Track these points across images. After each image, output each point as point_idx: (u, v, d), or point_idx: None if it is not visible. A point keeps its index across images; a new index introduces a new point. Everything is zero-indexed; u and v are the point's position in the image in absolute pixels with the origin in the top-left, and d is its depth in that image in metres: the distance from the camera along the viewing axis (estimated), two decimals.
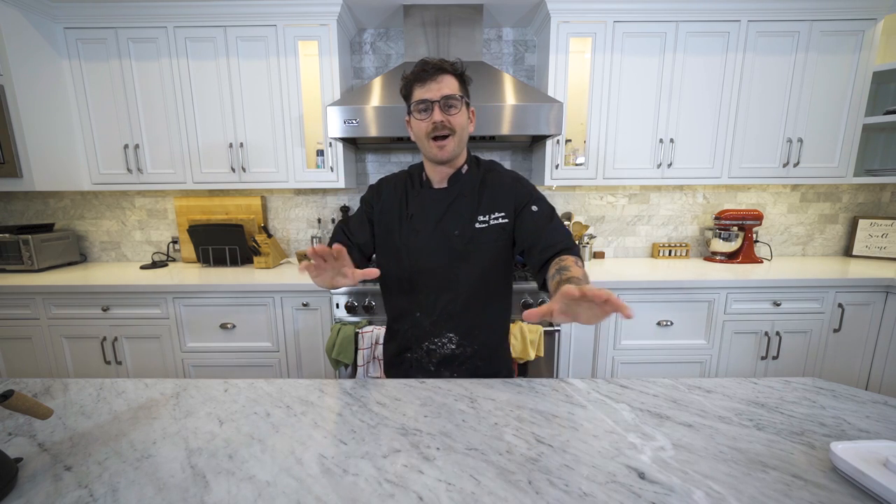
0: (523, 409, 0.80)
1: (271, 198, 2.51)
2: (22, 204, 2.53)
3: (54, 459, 0.66)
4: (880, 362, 1.97)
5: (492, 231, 1.02)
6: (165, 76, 2.09)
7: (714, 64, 2.06)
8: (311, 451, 0.67)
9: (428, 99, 0.93)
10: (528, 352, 1.72)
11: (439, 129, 0.94)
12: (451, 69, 0.95)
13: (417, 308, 1.06)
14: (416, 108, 0.95)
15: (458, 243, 1.01)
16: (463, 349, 1.06)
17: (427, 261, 1.03)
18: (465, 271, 1.02)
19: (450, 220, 1.03)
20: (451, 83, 0.95)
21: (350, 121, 1.86)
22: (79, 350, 1.99)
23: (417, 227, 1.04)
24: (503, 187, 1.04)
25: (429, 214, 1.04)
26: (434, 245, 1.03)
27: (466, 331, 1.05)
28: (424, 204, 1.05)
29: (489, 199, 1.03)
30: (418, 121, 0.96)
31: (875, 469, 0.56)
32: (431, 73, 0.93)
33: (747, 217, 2.27)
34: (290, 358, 1.99)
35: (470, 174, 1.05)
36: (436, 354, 1.07)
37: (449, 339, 1.06)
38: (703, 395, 0.85)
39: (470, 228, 1.02)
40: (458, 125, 0.96)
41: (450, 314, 1.04)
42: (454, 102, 0.94)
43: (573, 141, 2.16)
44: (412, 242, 1.04)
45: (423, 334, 1.07)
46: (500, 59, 2.37)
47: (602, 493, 0.57)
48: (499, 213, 1.02)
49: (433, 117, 0.93)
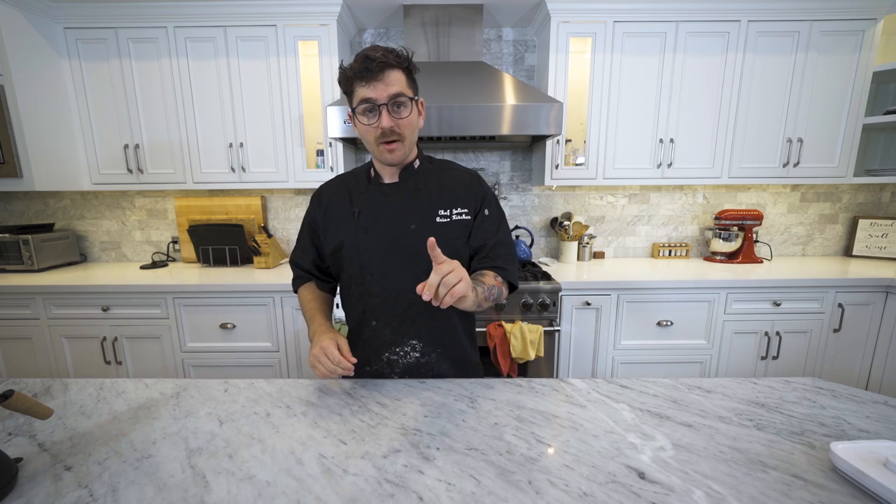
0: (523, 409, 0.80)
1: (271, 198, 2.51)
2: (22, 204, 2.53)
3: (54, 459, 0.66)
4: (880, 362, 1.97)
5: (455, 227, 0.95)
6: (165, 76, 2.09)
7: (714, 64, 2.06)
8: (311, 451, 0.67)
9: (373, 99, 0.83)
10: (528, 352, 1.72)
11: (388, 135, 0.86)
12: (396, 62, 0.84)
13: (373, 316, 0.97)
14: (361, 108, 0.85)
15: (416, 239, 0.92)
16: (428, 357, 0.98)
17: (381, 261, 0.94)
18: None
19: (405, 215, 0.94)
20: (399, 79, 0.84)
21: (350, 121, 1.86)
22: (79, 350, 1.99)
23: (366, 224, 0.95)
24: (465, 183, 0.99)
25: (380, 209, 0.96)
26: (388, 242, 0.94)
27: (431, 336, 0.98)
28: (374, 199, 0.96)
29: (450, 192, 0.97)
30: (364, 125, 0.86)
31: (875, 469, 0.56)
32: (376, 70, 0.82)
33: (747, 217, 2.27)
34: (290, 358, 1.99)
35: (423, 168, 0.99)
36: (398, 365, 0.99)
37: (412, 347, 0.98)
38: (703, 395, 0.85)
39: (430, 223, 0.94)
40: (408, 127, 0.88)
41: (412, 320, 0.96)
42: (403, 102, 0.85)
43: (573, 141, 2.16)
44: (362, 242, 0.95)
45: (381, 345, 0.98)
46: (500, 59, 2.37)
47: (602, 493, 0.57)
48: (461, 208, 0.96)
49: (381, 122, 0.84)
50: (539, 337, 1.76)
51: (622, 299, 1.94)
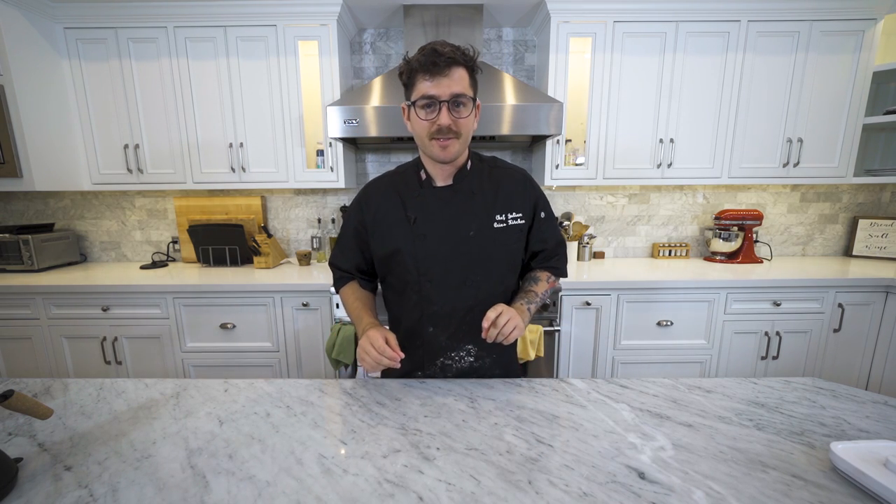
0: (523, 409, 0.80)
1: (271, 198, 2.51)
2: (22, 204, 2.53)
3: (54, 459, 0.66)
4: (880, 362, 1.97)
5: (511, 232, 0.95)
6: (165, 76, 2.09)
7: (714, 64, 2.06)
8: (311, 451, 0.67)
9: (435, 96, 0.81)
10: (528, 352, 1.72)
11: (444, 132, 0.84)
12: (463, 60, 0.83)
13: (430, 322, 0.96)
14: (421, 103, 0.83)
15: (475, 246, 0.92)
16: (482, 361, 0.99)
17: (439, 268, 0.93)
18: (484, 275, 0.94)
19: (463, 221, 0.93)
20: (463, 78, 0.83)
21: (350, 121, 1.86)
22: (79, 350, 1.99)
23: (424, 231, 0.93)
24: (517, 186, 0.98)
25: (436, 215, 0.93)
26: (446, 249, 0.93)
27: (487, 342, 0.97)
28: (429, 204, 0.94)
29: (505, 196, 0.95)
30: (421, 119, 0.85)
31: (875, 469, 0.56)
32: (442, 65, 0.80)
33: (747, 217, 2.27)
34: (290, 358, 1.99)
35: (475, 170, 0.96)
36: (451, 370, 0.98)
37: (467, 352, 0.97)
38: (703, 395, 0.85)
39: (488, 229, 0.93)
40: (465, 127, 0.86)
41: (469, 324, 0.95)
42: (464, 102, 0.83)
43: (573, 141, 2.16)
44: (419, 249, 0.93)
45: (437, 350, 0.98)
46: (500, 59, 2.37)
47: (602, 493, 0.57)
48: (516, 213, 0.95)
49: (440, 120, 0.82)
50: (539, 337, 1.75)
51: (622, 299, 1.94)
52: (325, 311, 1.93)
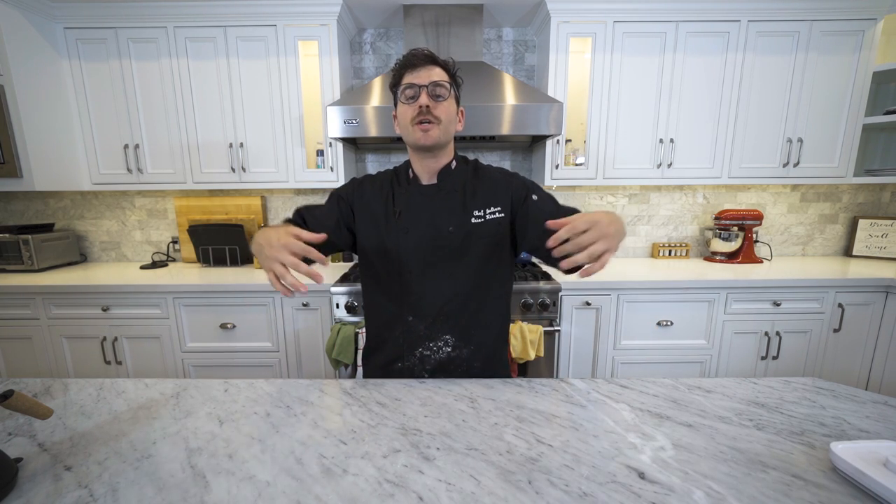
0: (523, 409, 0.80)
1: (271, 198, 2.51)
2: (22, 204, 2.53)
3: (54, 459, 0.66)
4: (880, 362, 1.97)
5: (489, 226, 0.99)
6: (165, 76, 2.09)
7: (714, 64, 2.06)
8: (311, 451, 0.67)
9: (415, 83, 0.90)
10: (528, 352, 1.72)
11: (424, 113, 0.90)
12: (442, 62, 0.93)
13: (410, 311, 1.01)
14: (404, 93, 0.91)
15: (454, 240, 0.98)
16: (459, 351, 1.02)
17: (420, 260, 0.99)
18: (462, 269, 0.99)
19: (443, 217, 0.99)
20: (441, 74, 0.92)
21: (350, 121, 1.86)
22: (79, 350, 1.99)
23: (407, 226, 0.99)
24: (496, 181, 1.02)
25: (419, 211, 0.99)
26: (427, 243, 0.98)
27: (463, 331, 1.01)
28: (413, 200, 1.00)
29: (484, 193, 1.00)
30: (404, 105, 0.92)
31: (875, 469, 0.56)
32: (422, 60, 0.91)
33: (747, 217, 2.27)
34: (290, 358, 1.99)
35: (459, 169, 1.02)
36: (430, 360, 1.02)
37: (445, 342, 1.01)
38: (703, 395, 0.85)
39: (466, 224, 0.98)
40: (445, 114, 0.92)
41: (447, 314, 1.00)
42: (442, 91, 0.91)
43: (573, 141, 2.16)
44: (402, 242, 0.99)
45: (416, 339, 1.01)
46: (500, 59, 2.37)
47: (602, 493, 0.57)
48: (494, 207, 0.99)
49: (419, 101, 0.90)
50: (539, 337, 1.75)
51: (622, 299, 1.94)
52: (325, 311, 1.93)
